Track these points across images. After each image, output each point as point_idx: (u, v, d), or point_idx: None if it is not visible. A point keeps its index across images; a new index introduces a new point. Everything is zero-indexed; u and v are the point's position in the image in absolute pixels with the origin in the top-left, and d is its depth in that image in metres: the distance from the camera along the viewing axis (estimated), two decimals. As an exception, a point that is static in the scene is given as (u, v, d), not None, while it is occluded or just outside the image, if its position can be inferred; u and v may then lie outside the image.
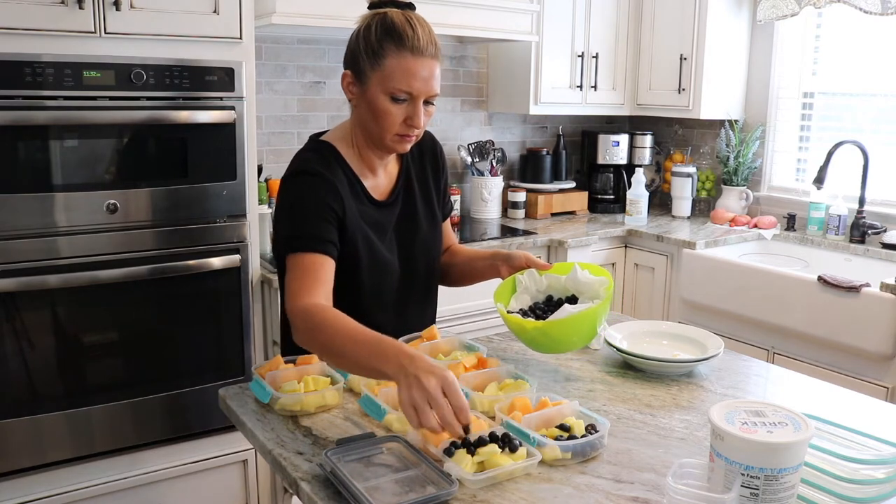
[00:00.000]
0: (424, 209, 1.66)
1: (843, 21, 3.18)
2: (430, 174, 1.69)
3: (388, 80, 1.42)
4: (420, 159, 1.68)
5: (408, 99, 1.44)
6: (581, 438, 1.17)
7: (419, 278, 1.65)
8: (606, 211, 3.69)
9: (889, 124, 3.11)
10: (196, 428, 2.34)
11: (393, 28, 1.42)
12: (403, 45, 1.41)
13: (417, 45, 1.42)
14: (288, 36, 2.92)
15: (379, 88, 1.44)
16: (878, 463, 1.06)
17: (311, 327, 1.32)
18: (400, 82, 1.42)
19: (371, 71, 1.44)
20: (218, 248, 2.28)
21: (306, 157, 1.55)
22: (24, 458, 2.10)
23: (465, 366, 1.43)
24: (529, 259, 1.60)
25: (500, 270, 1.63)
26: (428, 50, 1.43)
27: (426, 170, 1.68)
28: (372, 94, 1.45)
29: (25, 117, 1.96)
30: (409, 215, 1.63)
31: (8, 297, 2.01)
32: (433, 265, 1.69)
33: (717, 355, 1.55)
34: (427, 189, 1.68)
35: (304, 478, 1.12)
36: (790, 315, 2.67)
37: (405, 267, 1.62)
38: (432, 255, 1.68)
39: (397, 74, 1.42)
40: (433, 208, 1.68)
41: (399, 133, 1.47)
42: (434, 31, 1.47)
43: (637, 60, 3.57)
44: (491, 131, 3.61)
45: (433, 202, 1.68)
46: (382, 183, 1.61)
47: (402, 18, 1.44)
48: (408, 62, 1.42)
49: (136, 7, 2.06)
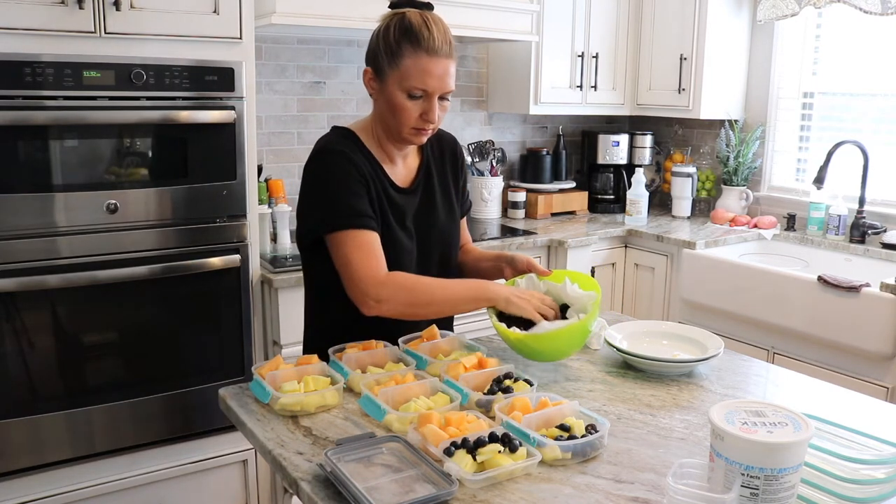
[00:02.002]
0: (443, 202, 1.71)
1: (843, 21, 3.18)
2: (450, 171, 1.75)
3: (405, 78, 1.51)
4: (440, 156, 1.74)
5: (423, 95, 1.52)
6: (581, 438, 1.17)
7: (433, 268, 1.69)
8: (606, 211, 3.69)
9: (889, 124, 3.10)
10: (196, 428, 2.34)
11: (410, 29, 1.50)
12: (419, 46, 1.49)
13: (433, 45, 1.50)
14: (288, 36, 2.92)
15: (396, 86, 1.52)
16: (878, 463, 1.06)
17: (407, 290, 1.49)
18: (416, 81, 1.50)
19: (389, 69, 1.52)
20: (218, 248, 2.28)
21: (328, 139, 1.62)
22: (23, 458, 2.10)
23: (465, 366, 1.42)
24: (531, 263, 1.66)
25: (504, 272, 1.70)
26: (443, 49, 1.51)
27: (445, 166, 1.75)
28: (390, 91, 1.53)
29: (25, 117, 1.96)
30: (429, 205, 1.69)
31: (8, 297, 2.01)
32: (448, 258, 1.74)
33: (717, 355, 1.55)
34: (446, 184, 1.73)
35: (304, 478, 1.12)
36: (790, 315, 2.67)
37: (421, 255, 1.66)
38: (448, 248, 1.73)
39: (413, 73, 1.50)
40: (451, 203, 1.74)
41: (415, 127, 1.55)
42: (450, 31, 1.55)
43: (637, 60, 3.57)
44: (491, 131, 3.61)
45: (451, 197, 1.74)
46: (402, 172, 1.67)
47: (419, 19, 1.51)
48: (423, 62, 1.49)
49: (136, 7, 2.06)
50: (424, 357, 1.48)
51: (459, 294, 1.52)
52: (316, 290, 1.69)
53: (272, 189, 2.71)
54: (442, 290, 1.51)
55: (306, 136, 3.03)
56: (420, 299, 1.50)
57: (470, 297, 1.52)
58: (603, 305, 3.55)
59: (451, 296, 1.52)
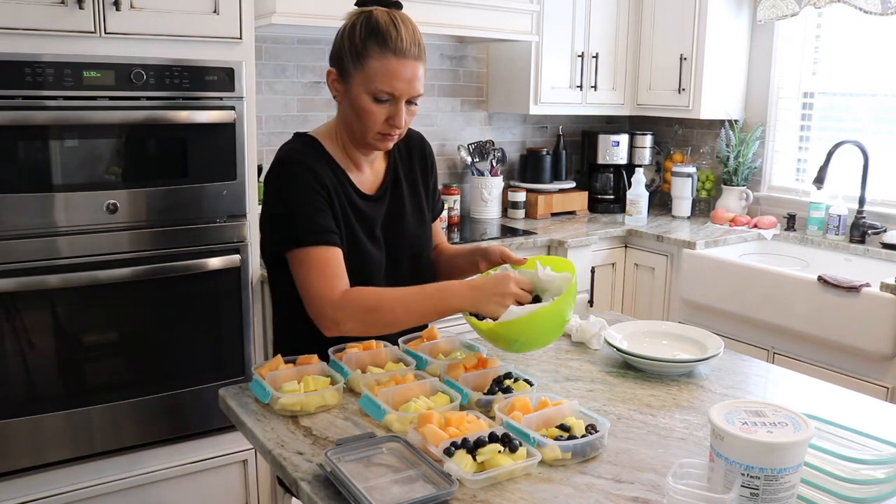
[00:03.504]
0: (412, 206, 1.66)
1: (843, 21, 3.18)
2: (419, 173, 1.69)
3: (370, 80, 1.44)
4: (408, 157, 1.68)
5: (390, 99, 1.46)
6: (581, 438, 1.17)
7: (404, 276, 1.63)
8: (606, 211, 3.69)
9: (889, 124, 3.10)
10: (196, 428, 2.34)
11: (377, 29, 1.43)
12: (387, 47, 1.42)
13: (401, 46, 1.43)
14: (288, 36, 2.92)
15: (362, 88, 1.45)
16: (878, 463, 1.06)
17: (363, 311, 1.41)
18: (382, 83, 1.43)
19: (354, 70, 1.45)
20: (218, 248, 2.28)
21: (288, 148, 1.55)
22: (24, 458, 2.10)
23: (466, 366, 1.43)
24: (504, 253, 1.58)
25: (479, 265, 1.63)
26: (411, 51, 1.44)
27: (414, 168, 1.68)
28: (355, 93, 1.46)
29: (25, 117, 1.96)
30: (397, 211, 1.63)
31: (8, 297, 2.01)
32: (420, 263, 1.68)
33: (717, 355, 1.55)
34: (415, 187, 1.67)
35: (304, 478, 1.12)
36: (790, 315, 2.67)
37: (391, 264, 1.62)
38: (419, 253, 1.68)
39: (380, 76, 1.43)
40: (422, 206, 1.68)
41: (381, 132, 1.49)
42: (419, 31, 1.48)
43: (637, 60, 3.57)
44: (491, 131, 3.61)
45: (421, 200, 1.68)
46: (369, 178, 1.61)
47: (387, 19, 1.44)
48: (391, 64, 1.43)
49: (136, 7, 2.06)
50: (424, 357, 1.48)
51: (423, 309, 1.42)
52: (280, 305, 1.65)
53: (272, 189, 2.70)
54: (404, 307, 1.41)
55: (306, 136, 3.02)
56: (380, 320, 1.42)
57: (434, 311, 1.42)
58: (603, 305, 3.54)
59: (414, 311, 1.42)
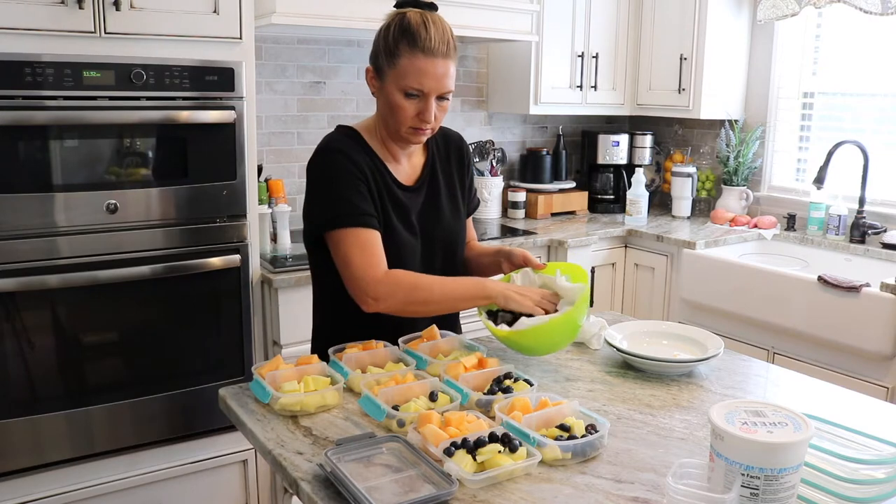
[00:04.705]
0: (448, 200, 1.72)
1: (843, 21, 3.18)
2: (455, 169, 1.76)
3: (401, 77, 1.52)
4: (446, 154, 1.75)
5: (420, 95, 1.53)
6: (581, 438, 1.17)
7: (437, 266, 1.69)
8: (606, 211, 3.69)
9: (889, 124, 3.10)
10: (196, 428, 2.34)
11: (408, 29, 1.51)
12: (416, 46, 1.50)
13: (430, 45, 1.50)
14: (288, 36, 2.92)
15: (394, 85, 1.53)
16: (878, 463, 1.06)
17: (405, 288, 1.50)
18: (412, 80, 1.51)
19: (388, 68, 1.54)
20: (218, 248, 2.28)
21: (330, 138, 1.63)
22: (23, 458, 2.10)
23: (466, 366, 1.42)
24: (526, 257, 1.68)
25: (502, 266, 1.72)
26: (440, 50, 1.52)
27: (451, 165, 1.76)
28: (388, 90, 1.55)
29: (25, 117, 1.96)
30: (433, 203, 1.69)
31: (8, 297, 2.01)
32: (453, 256, 1.74)
33: (717, 355, 1.55)
34: (451, 182, 1.74)
35: (304, 478, 1.12)
36: (790, 315, 2.67)
37: (425, 253, 1.67)
38: (453, 246, 1.74)
39: (410, 73, 1.51)
40: (457, 201, 1.74)
41: (413, 126, 1.56)
42: (450, 31, 1.56)
43: (637, 60, 3.57)
44: (491, 131, 3.61)
45: (457, 195, 1.75)
46: (406, 171, 1.68)
47: (418, 19, 1.52)
48: (419, 62, 1.50)
49: (136, 7, 2.06)
50: (424, 357, 1.48)
51: (457, 292, 1.54)
52: (322, 288, 1.70)
53: (272, 189, 2.71)
54: (440, 288, 1.53)
55: (306, 137, 3.03)
56: (417, 297, 1.51)
57: (468, 296, 1.54)
58: (603, 305, 3.54)
59: (449, 294, 1.53)
